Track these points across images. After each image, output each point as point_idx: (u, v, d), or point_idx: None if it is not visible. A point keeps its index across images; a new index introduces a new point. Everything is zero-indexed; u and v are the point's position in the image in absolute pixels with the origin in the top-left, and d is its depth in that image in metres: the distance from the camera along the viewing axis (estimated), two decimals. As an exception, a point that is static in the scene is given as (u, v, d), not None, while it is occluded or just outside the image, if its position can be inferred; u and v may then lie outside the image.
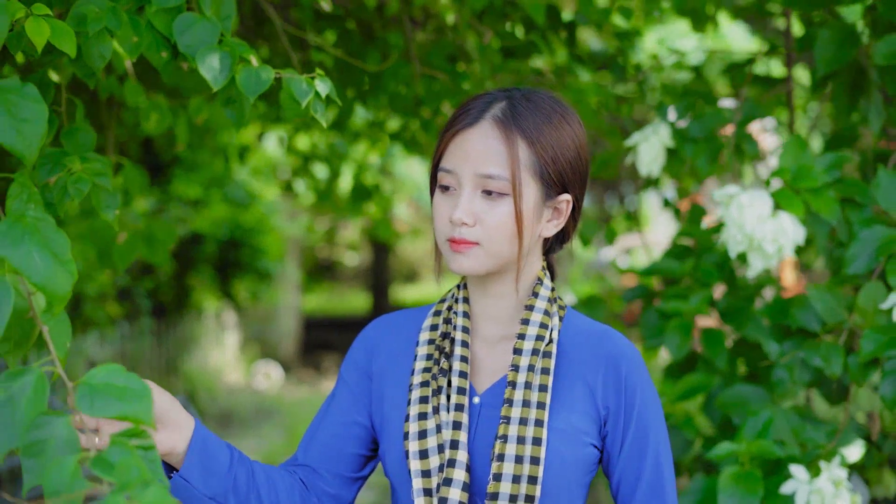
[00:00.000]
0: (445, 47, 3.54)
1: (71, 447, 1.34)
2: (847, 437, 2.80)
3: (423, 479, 1.85)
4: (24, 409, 1.36)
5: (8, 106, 1.54)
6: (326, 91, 2.07)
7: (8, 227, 1.45)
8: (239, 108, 2.10)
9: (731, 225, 2.65)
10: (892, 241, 2.57)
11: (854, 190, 2.75)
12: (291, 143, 6.20)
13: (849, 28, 2.88)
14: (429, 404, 1.90)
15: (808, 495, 2.58)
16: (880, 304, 2.55)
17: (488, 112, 1.88)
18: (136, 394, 1.35)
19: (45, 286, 1.45)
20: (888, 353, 2.47)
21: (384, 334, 2.06)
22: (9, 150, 1.53)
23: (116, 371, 1.37)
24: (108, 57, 2.00)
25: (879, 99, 3.00)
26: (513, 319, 1.99)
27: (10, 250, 1.44)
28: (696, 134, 3.18)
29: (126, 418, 1.35)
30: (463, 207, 1.86)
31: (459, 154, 1.88)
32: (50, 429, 1.35)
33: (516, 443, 1.84)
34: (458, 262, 1.89)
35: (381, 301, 20.98)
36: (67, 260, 1.47)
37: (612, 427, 1.95)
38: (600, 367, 1.95)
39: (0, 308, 1.41)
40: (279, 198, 12.25)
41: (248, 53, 2.06)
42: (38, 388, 1.37)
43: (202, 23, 2.05)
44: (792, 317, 2.75)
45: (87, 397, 1.35)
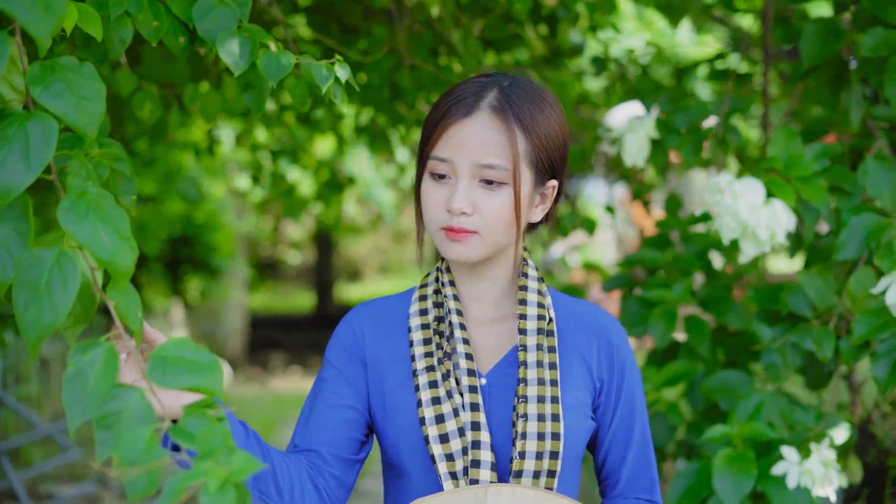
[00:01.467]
0: (428, 40, 3.58)
1: (145, 418, 1.35)
2: (833, 419, 2.88)
3: (448, 462, 1.88)
4: (95, 382, 1.37)
5: (69, 84, 1.55)
6: (346, 77, 2.09)
7: (72, 203, 1.47)
8: (258, 93, 2.12)
9: (725, 212, 2.71)
10: (881, 227, 2.65)
11: (842, 178, 2.83)
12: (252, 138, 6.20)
13: (832, 22, 2.96)
14: (439, 388, 1.92)
15: (799, 476, 2.65)
16: (871, 289, 2.63)
17: (483, 101, 1.90)
18: (207, 366, 1.38)
19: (110, 261, 1.46)
20: (880, 336, 2.55)
21: (368, 321, 2.07)
22: (71, 127, 1.54)
23: (186, 344, 1.39)
24: (129, 41, 2.01)
25: (859, 92, 3.09)
26: (503, 301, 2.03)
27: (76, 226, 1.45)
28: (681, 126, 3.24)
29: (198, 389, 1.37)
30: (462, 197, 1.88)
31: (456, 144, 1.89)
32: (123, 400, 1.36)
33: (537, 420, 1.90)
34: (454, 251, 1.92)
35: (326, 299, 20.97)
36: (129, 236, 1.49)
37: (605, 399, 2.03)
38: (593, 342, 2.03)
39: (67, 282, 1.42)
40: (227, 195, 12.21)
41: (266, 39, 2.07)
42: (109, 361, 1.39)
43: (221, 8, 2.06)
44: (783, 302, 2.81)
45: (158, 369, 1.37)
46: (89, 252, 1.45)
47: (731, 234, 2.74)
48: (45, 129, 1.49)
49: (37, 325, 1.45)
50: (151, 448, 1.28)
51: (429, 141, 1.93)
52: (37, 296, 1.46)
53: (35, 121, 1.51)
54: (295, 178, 7.51)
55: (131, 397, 1.37)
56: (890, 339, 2.54)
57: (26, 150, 1.49)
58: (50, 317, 1.45)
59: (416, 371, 1.96)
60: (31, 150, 1.48)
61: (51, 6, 1.52)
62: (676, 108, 3.33)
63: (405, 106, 4.24)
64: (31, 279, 1.47)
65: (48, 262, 1.46)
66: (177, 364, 1.37)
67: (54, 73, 1.55)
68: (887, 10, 2.79)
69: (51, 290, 1.45)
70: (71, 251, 1.45)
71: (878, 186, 2.75)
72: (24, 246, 1.54)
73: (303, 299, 23.26)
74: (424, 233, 2.05)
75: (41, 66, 1.56)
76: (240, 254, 14.22)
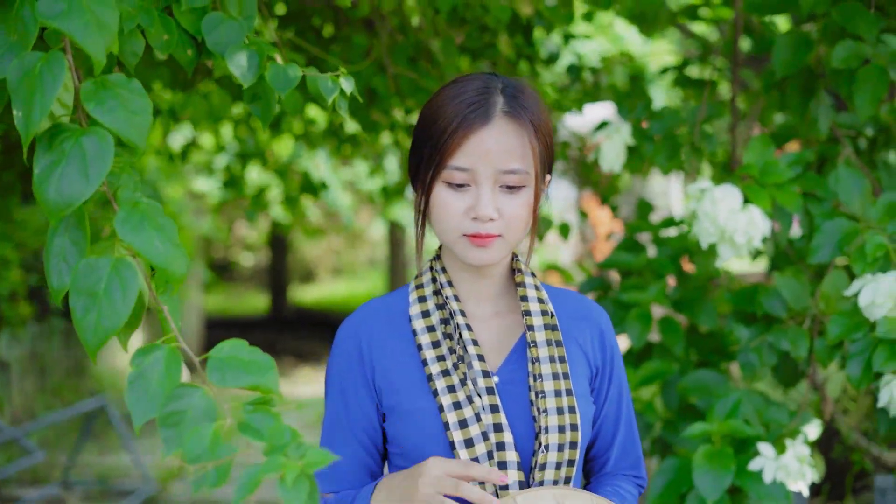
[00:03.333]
0: (408, 49, 3.65)
1: (209, 416, 1.41)
2: (805, 416, 3.00)
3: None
4: (157, 383, 1.44)
5: (120, 100, 1.61)
6: (350, 89, 2.17)
7: (127, 213, 1.54)
8: (265, 104, 2.18)
9: (704, 218, 2.81)
10: (853, 232, 2.77)
11: (814, 185, 2.94)
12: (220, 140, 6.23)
13: (804, 34, 3.07)
14: (458, 393, 1.95)
15: (774, 471, 2.76)
16: (843, 291, 2.74)
17: (495, 107, 1.93)
18: (263, 366, 1.46)
19: (165, 268, 1.53)
20: (853, 336, 2.66)
21: (368, 327, 2.07)
22: (123, 141, 1.61)
23: (240, 345, 1.47)
24: (140, 54, 2.07)
25: (828, 101, 3.21)
26: (500, 297, 2.09)
27: (133, 235, 1.53)
28: (656, 133, 3.35)
29: (256, 388, 1.44)
30: (489, 203, 1.92)
31: (477, 153, 1.92)
32: (188, 400, 1.43)
33: (556, 414, 1.95)
34: (478, 255, 1.96)
35: (280, 301, 20.94)
36: (179, 243, 1.56)
37: (599, 383, 2.11)
38: (585, 329, 2.10)
39: (127, 288, 1.49)
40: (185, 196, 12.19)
41: (273, 52, 2.14)
42: (171, 363, 1.46)
43: (229, 22, 2.13)
44: (758, 303, 2.92)
45: (217, 370, 1.45)
46: (144, 260, 1.52)
47: (710, 238, 2.84)
48: (101, 144, 1.57)
49: (97, 329, 1.52)
50: (216, 445, 1.35)
51: (445, 151, 1.93)
52: (95, 301, 1.52)
53: (90, 136, 1.58)
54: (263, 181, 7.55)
55: (195, 396, 1.44)
56: (862, 339, 2.65)
57: (84, 164, 1.56)
58: (109, 321, 1.52)
59: (430, 376, 1.98)
60: (90, 164, 1.55)
61: (105, 26, 1.60)
62: (651, 116, 3.43)
63: (380, 112, 4.31)
64: (89, 286, 1.53)
65: (105, 269, 1.53)
66: (234, 365, 1.45)
67: (106, 90, 1.62)
68: (856, 23, 2.90)
69: (110, 296, 1.52)
70: (128, 259, 1.52)
71: (849, 192, 2.88)
72: (81, 255, 1.61)
73: (256, 301, 23.20)
74: (424, 240, 2.09)
75: (93, 82, 1.63)
76: (197, 255, 14.20)
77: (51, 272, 1.64)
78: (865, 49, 2.90)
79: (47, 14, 1.63)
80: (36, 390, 9.45)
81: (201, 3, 2.12)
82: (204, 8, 2.14)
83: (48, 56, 1.64)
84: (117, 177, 1.67)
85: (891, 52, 2.89)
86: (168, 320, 1.55)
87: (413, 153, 2.05)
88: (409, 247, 18.76)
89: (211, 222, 13.72)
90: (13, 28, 1.72)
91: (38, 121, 1.60)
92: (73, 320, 1.52)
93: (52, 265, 1.64)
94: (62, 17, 1.63)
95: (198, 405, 1.41)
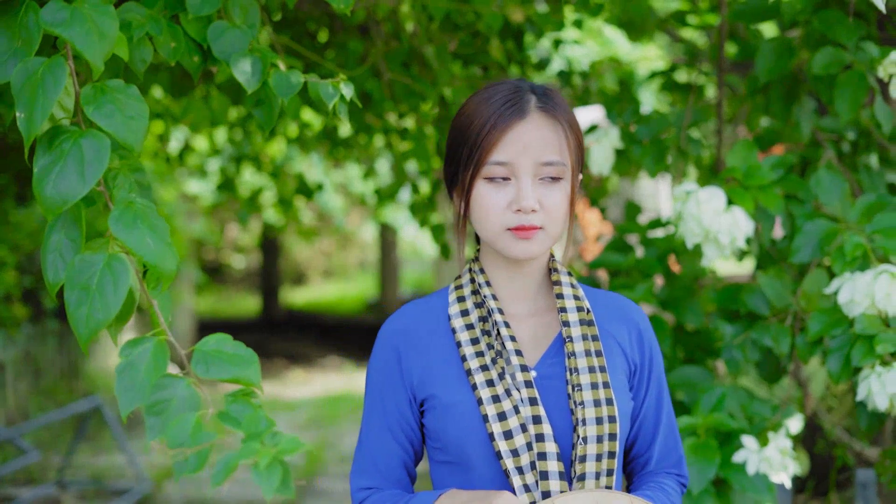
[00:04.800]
0: (402, 54, 3.75)
1: (192, 405, 1.51)
2: (788, 410, 3.09)
3: (514, 458, 1.95)
4: (144, 373, 1.54)
5: (118, 104, 1.71)
6: (350, 94, 2.26)
7: (121, 212, 1.64)
8: (268, 108, 2.27)
9: (689, 219, 2.91)
10: (833, 233, 2.87)
11: (796, 187, 3.04)
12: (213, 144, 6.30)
13: (786, 41, 3.17)
14: (497, 387, 1.98)
15: (758, 463, 2.86)
16: (824, 289, 2.84)
17: (529, 103, 2.00)
18: (246, 360, 1.55)
19: (156, 265, 1.63)
20: (832, 333, 2.76)
21: (408, 327, 2.12)
22: (120, 143, 1.70)
23: (224, 340, 1.56)
24: (149, 61, 2.16)
25: (810, 106, 3.31)
26: (538, 295, 2.13)
27: (126, 234, 1.63)
28: (644, 137, 3.45)
29: (238, 381, 1.53)
30: (530, 195, 1.97)
31: (516, 146, 1.97)
32: (172, 389, 1.52)
33: (594, 406, 1.99)
34: (523, 249, 2.00)
35: (271, 303, 20.99)
36: (170, 242, 1.66)
37: (638, 381, 2.14)
38: (623, 326, 2.14)
39: (118, 283, 1.59)
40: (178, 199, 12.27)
41: (275, 59, 2.23)
42: (157, 354, 1.55)
43: (233, 30, 2.22)
44: (742, 302, 3.02)
45: (202, 363, 1.54)
46: (137, 257, 1.62)
47: (695, 239, 2.94)
48: (98, 146, 1.67)
49: (88, 322, 1.62)
50: (198, 432, 1.45)
51: (484, 147, 1.98)
52: (88, 295, 1.62)
53: (88, 138, 1.68)
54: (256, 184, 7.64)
55: (179, 386, 1.54)
56: (841, 336, 2.75)
57: (81, 165, 1.66)
58: (101, 314, 1.61)
59: (470, 371, 2.01)
60: (86, 165, 1.65)
61: (104, 34, 1.70)
62: (639, 120, 3.53)
63: (374, 115, 4.40)
64: (83, 280, 1.63)
65: (98, 265, 1.63)
66: (218, 358, 1.54)
67: (105, 95, 1.73)
68: (837, 31, 3.00)
69: (102, 290, 1.61)
70: (121, 255, 1.62)
71: (829, 194, 2.98)
72: (76, 251, 1.70)
73: (248, 303, 23.27)
74: (466, 240, 2.14)
75: (93, 87, 1.73)
76: (189, 258, 14.27)
77: (47, 267, 1.74)
78: (845, 55, 3.00)
79: (50, 22, 1.74)
80: (30, 391, 9.52)
81: (207, 11, 2.20)
82: (209, 16, 2.23)
83: (50, 61, 1.74)
84: (113, 177, 1.76)
85: (870, 58, 2.99)
86: (158, 314, 1.64)
87: (449, 162, 2.10)
88: (400, 249, 18.86)
89: (203, 225, 13.79)
90: (17, 34, 1.82)
91: (39, 123, 1.69)
92: (66, 313, 1.62)
93: (49, 260, 1.74)
94: (64, 25, 1.74)
95: (182, 395, 1.51)
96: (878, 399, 2.62)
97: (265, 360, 15.32)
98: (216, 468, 1.44)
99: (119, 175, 1.77)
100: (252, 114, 2.37)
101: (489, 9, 3.49)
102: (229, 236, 21.96)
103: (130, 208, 1.67)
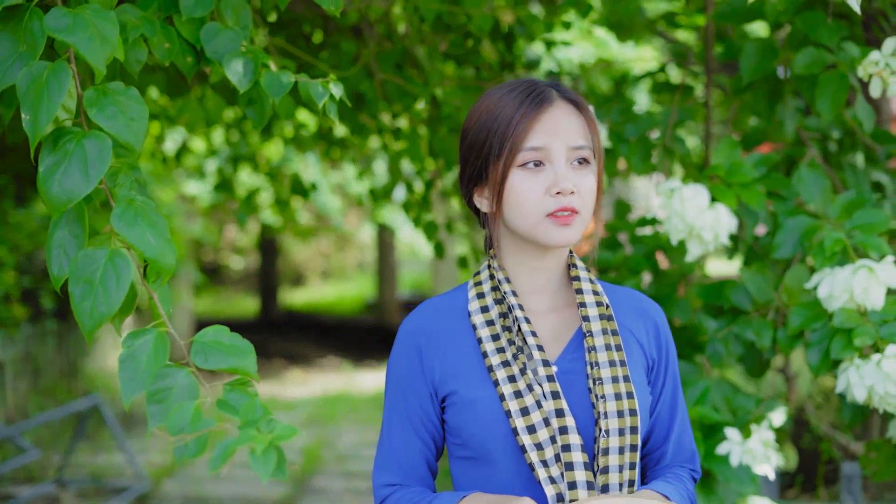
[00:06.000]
0: (395, 55, 3.81)
1: (191, 394, 1.58)
2: (771, 403, 3.16)
3: (538, 451, 1.96)
4: (146, 363, 1.60)
5: (120, 106, 1.79)
6: (340, 93, 2.32)
7: (122, 210, 1.71)
8: (260, 108, 2.33)
9: (674, 215, 2.97)
10: (814, 229, 2.93)
11: (778, 184, 3.11)
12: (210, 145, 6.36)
13: (769, 41, 3.23)
14: (519, 382, 1.99)
15: (741, 455, 2.93)
16: (804, 284, 2.91)
17: (552, 93, 2.04)
18: (243, 350, 1.62)
19: (156, 260, 1.70)
20: (813, 326, 2.83)
21: (428, 324, 2.13)
22: (121, 144, 1.77)
23: (222, 331, 1.63)
24: (144, 61, 2.23)
25: (793, 105, 3.37)
26: (558, 291, 2.14)
27: (127, 230, 1.70)
28: (631, 135, 3.51)
29: (236, 371, 1.60)
30: (567, 177, 1.98)
31: (549, 130, 2.00)
32: (173, 378, 1.59)
33: (615, 399, 2.00)
34: (562, 234, 2.01)
35: (270, 304, 21.06)
36: (169, 238, 1.73)
37: (655, 376, 2.17)
38: (640, 322, 2.17)
39: (120, 277, 1.66)
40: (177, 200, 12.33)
41: (267, 59, 2.30)
42: (159, 344, 1.62)
43: (226, 31, 2.29)
44: (725, 297, 3.09)
45: (201, 353, 1.61)
46: (138, 252, 1.69)
47: (679, 235, 3.00)
48: (100, 146, 1.74)
49: (93, 314, 1.69)
50: (197, 419, 1.51)
51: (517, 134, 1.99)
52: (91, 289, 1.69)
53: (91, 138, 1.75)
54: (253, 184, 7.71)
55: (179, 375, 1.60)
56: (821, 329, 2.81)
57: (85, 164, 1.73)
58: (104, 307, 1.68)
59: (491, 367, 2.02)
60: (90, 164, 1.73)
61: (106, 38, 1.77)
62: (626, 119, 3.60)
63: (368, 116, 4.46)
64: (87, 275, 1.70)
65: (101, 259, 1.70)
66: (216, 348, 1.61)
67: (107, 97, 1.80)
68: (818, 31, 3.06)
69: (105, 284, 1.68)
70: (123, 251, 1.69)
71: (810, 192, 3.04)
72: (80, 247, 1.77)
73: (246, 304, 23.33)
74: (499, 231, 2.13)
75: (95, 90, 1.80)
76: (187, 259, 14.33)
77: (52, 262, 1.81)
78: (827, 56, 3.06)
79: (54, 27, 1.81)
80: (30, 390, 9.57)
81: (200, 13, 2.26)
82: (203, 18, 2.30)
83: (54, 65, 1.81)
84: (115, 176, 1.83)
85: (850, 58, 3.06)
86: (158, 306, 1.71)
87: (471, 161, 2.09)
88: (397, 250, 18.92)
89: (202, 225, 13.85)
90: (22, 39, 1.89)
91: (44, 124, 1.77)
92: (71, 306, 1.69)
93: (53, 256, 1.82)
94: (68, 30, 1.81)
95: (182, 383, 1.58)
96: (856, 391, 2.68)
97: (264, 360, 15.38)
98: (215, 453, 1.50)
99: (120, 173, 1.84)
100: (246, 114, 2.43)
101: (480, 10, 3.55)
102: (228, 237, 22.02)
103: (132, 206, 1.74)
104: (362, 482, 7.91)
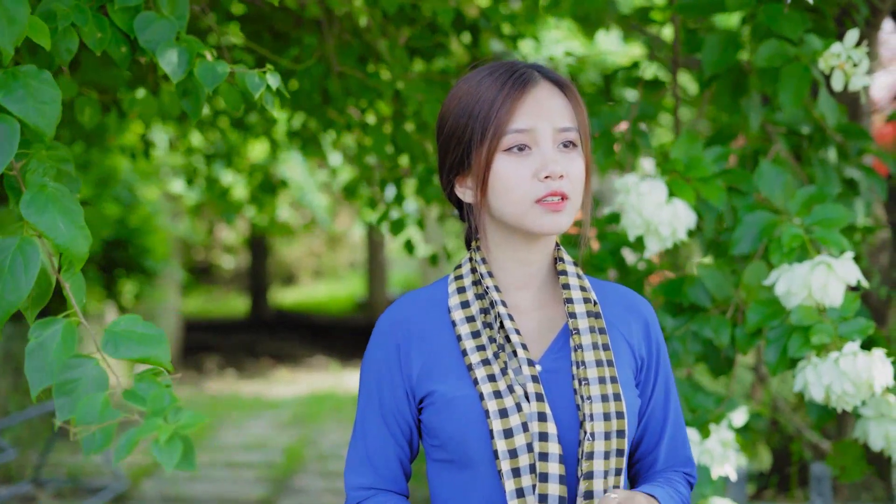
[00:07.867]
0: (357, 49, 3.76)
1: (100, 385, 1.53)
2: (732, 403, 3.10)
3: (511, 459, 1.86)
4: (54, 354, 1.56)
5: (30, 90, 1.74)
6: (277, 84, 2.26)
7: (32, 196, 1.66)
8: (195, 99, 2.28)
9: (631, 210, 2.92)
10: (773, 224, 2.88)
11: (739, 179, 3.06)
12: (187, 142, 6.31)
13: (732, 34, 3.18)
14: (499, 382, 1.90)
15: (699, 455, 2.87)
16: (763, 281, 2.85)
17: (535, 73, 1.93)
18: (155, 339, 1.57)
19: (68, 248, 1.66)
20: (771, 324, 2.77)
21: (406, 318, 2.03)
22: (32, 128, 1.72)
23: (135, 320, 1.58)
24: (75, 51, 2.17)
25: (758, 99, 3.32)
26: (544, 287, 2.03)
27: (37, 217, 1.65)
28: (594, 130, 3.46)
29: (147, 361, 1.55)
30: (555, 160, 1.88)
31: (535, 111, 1.89)
32: (81, 370, 1.55)
33: (601, 401, 1.91)
34: (554, 221, 1.90)
35: (260, 303, 21.02)
36: (83, 225, 1.68)
37: (645, 376, 2.05)
38: (630, 319, 2.05)
39: (29, 266, 1.61)
40: (162, 198, 12.29)
41: (203, 49, 2.24)
42: (67, 335, 1.58)
43: (161, 21, 2.23)
44: (684, 294, 3.03)
45: (111, 343, 1.56)
46: (49, 240, 1.64)
47: (637, 230, 2.94)
48: (8, 130, 1.69)
49: (1, 303, 1.63)
50: (106, 410, 1.46)
51: (501, 117, 1.89)
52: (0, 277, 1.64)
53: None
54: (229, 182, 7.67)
55: (88, 366, 1.55)
56: (779, 327, 2.75)
57: (-10, 149, 1.67)
58: (13, 296, 1.64)
59: (471, 365, 1.93)
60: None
61: (14, 20, 1.71)
62: (591, 114, 3.54)
63: (335, 111, 4.41)
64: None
65: (11, 247, 1.65)
66: (128, 337, 1.56)
67: (16, 80, 1.74)
68: (781, 24, 3.01)
69: (14, 272, 1.64)
70: (33, 239, 1.63)
71: (770, 187, 2.98)
72: (-9, 235, 1.72)
73: (237, 303, 23.28)
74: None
75: (4, 73, 1.75)
76: (174, 257, 14.28)
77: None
78: (789, 48, 3.01)
79: (-43, 7, 1.75)
80: (10, 390, 9.51)
81: (134, 2, 2.21)
82: (137, 7, 2.24)
83: (-41, 48, 1.75)
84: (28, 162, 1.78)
85: (812, 50, 3.00)
86: (70, 297, 1.66)
87: (450, 150, 1.99)
88: (387, 249, 18.87)
89: (188, 224, 13.80)
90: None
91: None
92: None
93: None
94: (-28, 11, 1.75)
95: (90, 374, 1.53)
96: (813, 390, 2.63)
97: (252, 359, 15.35)
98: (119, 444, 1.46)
99: (33, 160, 1.79)
100: (227, 111, 2.38)
101: (443, 3, 3.50)
102: (218, 236, 21.98)
103: (42, 192, 1.69)
104: (342, 482, 7.85)
